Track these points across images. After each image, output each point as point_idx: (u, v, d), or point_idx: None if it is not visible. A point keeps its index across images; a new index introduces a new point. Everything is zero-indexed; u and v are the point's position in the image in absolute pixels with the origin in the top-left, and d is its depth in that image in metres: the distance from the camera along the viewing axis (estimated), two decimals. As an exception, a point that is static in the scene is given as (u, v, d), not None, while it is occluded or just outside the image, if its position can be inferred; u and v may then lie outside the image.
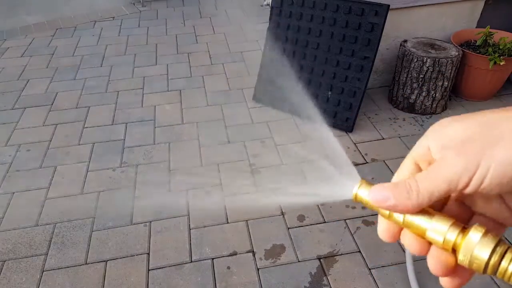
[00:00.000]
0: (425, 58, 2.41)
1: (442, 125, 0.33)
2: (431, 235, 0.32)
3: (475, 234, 0.30)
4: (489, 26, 2.56)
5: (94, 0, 4.73)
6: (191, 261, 1.74)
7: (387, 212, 0.34)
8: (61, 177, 2.20)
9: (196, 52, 3.47)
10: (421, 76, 2.46)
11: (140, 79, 3.11)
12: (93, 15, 4.27)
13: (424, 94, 2.52)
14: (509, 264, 0.29)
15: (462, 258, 0.31)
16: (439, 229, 0.32)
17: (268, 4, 4.25)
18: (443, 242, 0.31)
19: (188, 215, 1.95)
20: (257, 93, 2.76)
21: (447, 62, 2.40)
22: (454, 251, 0.31)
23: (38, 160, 2.33)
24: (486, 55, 2.44)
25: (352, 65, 2.39)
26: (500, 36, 2.56)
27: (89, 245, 1.82)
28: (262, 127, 2.54)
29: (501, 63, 2.38)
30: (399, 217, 0.34)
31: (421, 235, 0.33)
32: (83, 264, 1.74)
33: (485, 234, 0.30)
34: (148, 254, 1.78)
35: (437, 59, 2.39)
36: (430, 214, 0.32)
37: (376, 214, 0.38)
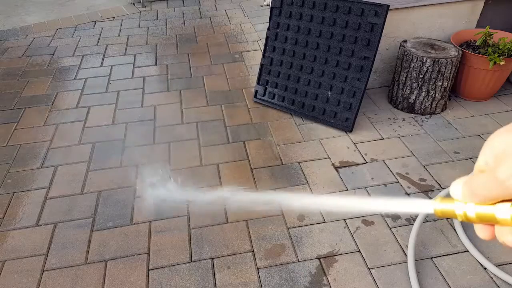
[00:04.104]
0: (424, 58, 2.41)
1: (495, 135, 0.35)
2: (499, 216, 0.37)
3: None
4: (488, 26, 2.57)
5: (94, 0, 4.74)
6: (191, 261, 1.74)
7: (462, 214, 0.40)
8: (62, 177, 2.21)
9: (196, 52, 3.48)
10: (420, 76, 2.47)
11: (140, 79, 3.12)
12: (93, 15, 4.27)
13: (423, 94, 2.52)
14: None
15: None
16: (504, 209, 0.37)
17: (268, 5, 4.25)
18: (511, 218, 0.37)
19: (188, 215, 1.95)
20: (257, 93, 2.77)
21: (447, 62, 2.40)
22: None
23: (38, 160, 2.33)
24: (486, 55, 2.45)
25: (351, 65, 2.39)
26: (499, 36, 2.56)
27: (89, 245, 1.83)
28: (262, 127, 2.54)
29: (501, 63, 2.38)
30: (472, 216, 0.39)
31: (492, 221, 0.38)
32: (83, 264, 1.75)
33: None
34: (148, 254, 1.78)
35: (436, 59, 2.40)
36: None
37: (375, 215, 0.39)
